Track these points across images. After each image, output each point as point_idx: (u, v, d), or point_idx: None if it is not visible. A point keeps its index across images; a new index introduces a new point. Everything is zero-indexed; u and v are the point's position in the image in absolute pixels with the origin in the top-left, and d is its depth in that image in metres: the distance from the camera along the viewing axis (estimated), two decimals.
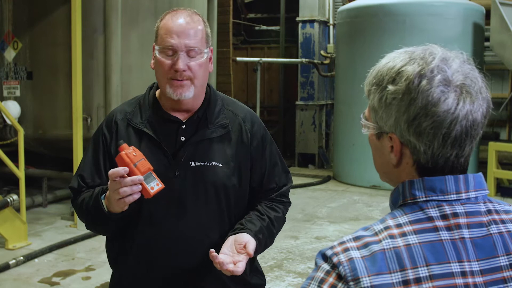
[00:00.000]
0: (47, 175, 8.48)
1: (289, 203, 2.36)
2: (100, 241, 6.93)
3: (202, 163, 2.12)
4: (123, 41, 7.82)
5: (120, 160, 1.94)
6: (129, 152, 1.94)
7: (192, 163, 2.12)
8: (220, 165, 2.12)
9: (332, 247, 1.20)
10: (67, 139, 7.42)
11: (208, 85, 2.24)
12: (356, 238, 1.20)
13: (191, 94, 2.10)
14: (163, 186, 1.96)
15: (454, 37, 9.71)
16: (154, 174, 1.96)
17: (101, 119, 7.88)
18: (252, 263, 2.31)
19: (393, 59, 1.26)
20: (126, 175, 1.91)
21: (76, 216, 7.35)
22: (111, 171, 1.92)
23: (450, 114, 1.18)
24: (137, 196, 1.94)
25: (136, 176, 1.91)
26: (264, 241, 2.16)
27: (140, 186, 1.92)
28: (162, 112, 2.18)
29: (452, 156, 1.22)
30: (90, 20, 7.74)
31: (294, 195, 9.66)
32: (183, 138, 2.14)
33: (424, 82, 1.19)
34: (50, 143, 8.26)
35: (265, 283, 2.44)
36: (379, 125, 1.28)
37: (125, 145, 1.97)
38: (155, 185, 1.94)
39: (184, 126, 2.15)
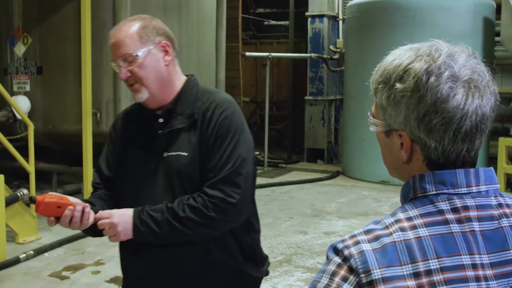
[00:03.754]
0: (57, 170, 8.51)
1: (224, 199, 2.15)
2: None
3: (171, 153, 2.24)
4: None
5: (48, 206, 2.12)
6: (49, 197, 2.12)
7: (165, 154, 2.25)
8: (185, 154, 2.22)
9: (343, 241, 1.21)
10: (77, 134, 7.45)
11: (189, 78, 2.36)
12: (367, 232, 1.21)
13: (145, 95, 2.25)
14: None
15: (464, 32, 9.67)
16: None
17: (110, 114, 7.93)
18: (244, 251, 2.36)
19: (399, 57, 1.26)
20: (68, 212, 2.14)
21: None
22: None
23: (460, 110, 1.18)
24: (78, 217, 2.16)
25: (70, 207, 2.14)
26: (160, 221, 2.17)
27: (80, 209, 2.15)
28: (146, 109, 2.35)
29: (463, 151, 1.23)
30: (100, 15, 7.76)
31: (303, 190, 9.69)
32: (160, 131, 2.28)
33: (432, 79, 1.19)
34: (59, 138, 8.30)
35: (262, 276, 2.48)
36: (388, 123, 1.28)
37: (38, 197, 2.12)
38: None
39: (161, 120, 2.29)
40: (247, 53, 11.80)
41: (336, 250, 1.21)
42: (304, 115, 12.99)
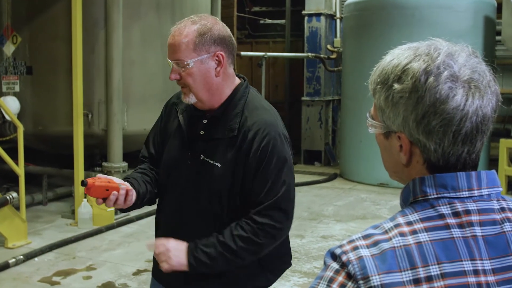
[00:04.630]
0: (47, 173, 8.49)
1: (272, 225, 2.31)
2: (101, 240, 6.95)
3: (207, 159, 2.38)
4: (125, 35, 7.83)
5: (98, 189, 2.30)
6: (99, 181, 2.31)
7: (202, 157, 2.39)
8: (219, 165, 2.35)
9: (341, 246, 1.20)
10: (68, 135, 7.43)
11: (239, 85, 2.44)
12: (365, 236, 1.20)
13: (192, 100, 2.36)
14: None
15: (464, 30, 9.68)
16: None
17: (102, 115, 7.92)
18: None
19: (398, 56, 1.26)
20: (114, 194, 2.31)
21: (76, 214, 7.38)
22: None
23: (460, 111, 1.18)
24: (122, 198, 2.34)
25: (114, 192, 2.32)
26: (214, 255, 2.32)
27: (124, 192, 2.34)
28: (195, 107, 2.45)
29: (464, 153, 1.22)
30: (91, 13, 7.76)
31: (300, 193, 9.68)
32: (202, 132, 2.42)
33: (431, 79, 1.19)
34: (50, 139, 8.28)
35: (269, 285, 2.61)
36: (386, 124, 1.28)
37: (89, 180, 2.30)
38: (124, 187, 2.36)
39: (205, 121, 2.41)
40: (242, 53, 11.78)
41: (334, 256, 1.20)
42: (301, 116, 12.99)
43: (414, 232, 1.18)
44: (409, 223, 1.20)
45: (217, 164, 2.34)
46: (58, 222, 7.68)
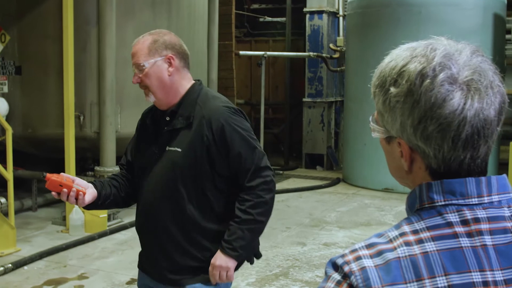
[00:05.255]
0: (37, 177, 8.47)
1: (265, 181, 2.88)
2: (94, 247, 6.94)
3: (171, 148, 2.89)
4: (118, 33, 7.83)
5: (52, 183, 2.73)
6: (57, 176, 2.76)
7: (167, 148, 2.89)
8: (180, 150, 2.85)
9: (343, 255, 1.19)
10: (59, 138, 7.43)
11: (193, 84, 2.99)
12: (369, 246, 1.19)
13: (152, 99, 2.91)
14: (84, 189, 2.79)
15: (473, 29, 9.69)
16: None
17: (95, 117, 7.92)
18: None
19: (396, 58, 1.25)
20: (65, 190, 2.74)
21: (68, 220, 7.37)
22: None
23: (457, 115, 1.16)
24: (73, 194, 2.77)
25: (64, 190, 2.75)
26: (243, 235, 2.84)
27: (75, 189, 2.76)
28: (158, 109, 3.01)
29: (467, 159, 1.21)
30: (83, 11, 7.76)
31: (301, 199, 9.68)
32: (166, 128, 2.92)
33: (426, 82, 1.17)
34: (40, 142, 8.27)
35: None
36: (386, 129, 1.28)
37: (49, 174, 2.76)
38: (79, 188, 2.76)
39: (168, 118, 2.92)
40: (241, 52, 11.79)
41: (336, 266, 1.19)
42: (302, 118, 13.00)
43: (420, 241, 1.17)
44: (415, 232, 1.18)
45: (178, 149, 2.85)
46: (49, 228, 7.67)
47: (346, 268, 1.16)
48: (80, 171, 8.14)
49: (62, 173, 2.82)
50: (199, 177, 2.85)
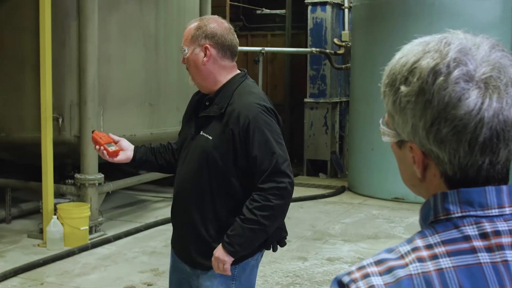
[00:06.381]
0: (11, 185, 8.47)
1: (277, 186, 3.08)
2: (74, 263, 6.93)
3: (203, 134, 3.22)
4: (101, 27, 7.82)
5: (93, 138, 3.46)
6: (98, 134, 3.48)
7: (201, 132, 3.24)
8: (210, 137, 3.19)
9: (349, 273, 1.19)
10: (35, 142, 7.42)
11: (236, 75, 3.30)
12: (378, 262, 1.19)
13: (191, 81, 3.35)
14: (118, 149, 3.43)
15: (491, 22, 9.72)
16: (114, 144, 3.45)
17: (75, 119, 7.90)
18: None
19: (407, 53, 1.24)
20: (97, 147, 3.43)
21: (45, 233, 7.35)
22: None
23: (474, 116, 1.15)
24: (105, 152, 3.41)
25: (97, 146, 3.45)
26: (243, 233, 3.10)
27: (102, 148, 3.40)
28: (201, 93, 3.42)
29: (485, 164, 1.20)
30: (62, 2, 7.75)
31: (302, 209, 9.68)
32: (202, 113, 3.28)
33: (440, 79, 1.17)
34: (15, 147, 8.26)
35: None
36: (397, 132, 1.27)
37: (95, 131, 3.51)
38: (113, 148, 3.41)
39: (207, 103, 3.27)
40: None
41: (342, 284, 1.18)
42: (304, 120, 13.01)
43: (434, 257, 1.16)
44: (429, 247, 1.18)
45: (209, 137, 3.18)
46: (24, 242, 7.66)
47: (353, 287, 1.16)
48: (59, 179, 8.12)
49: (109, 134, 3.48)
50: (223, 167, 3.16)
